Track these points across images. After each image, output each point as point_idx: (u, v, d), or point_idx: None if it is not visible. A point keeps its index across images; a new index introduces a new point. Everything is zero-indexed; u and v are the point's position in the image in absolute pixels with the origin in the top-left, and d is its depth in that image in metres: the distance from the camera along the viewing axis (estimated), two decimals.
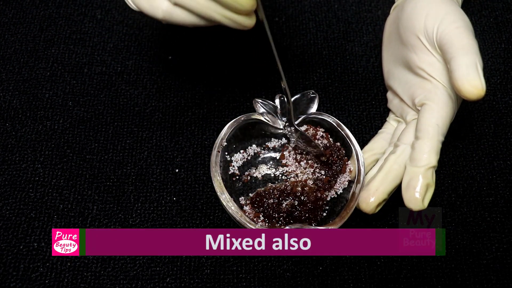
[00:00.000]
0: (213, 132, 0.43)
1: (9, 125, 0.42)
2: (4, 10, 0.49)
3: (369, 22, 0.50)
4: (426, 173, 0.33)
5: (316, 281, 0.36)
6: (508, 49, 0.48)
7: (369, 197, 0.35)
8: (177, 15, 0.28)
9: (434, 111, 0.34)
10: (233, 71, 0.46)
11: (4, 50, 0.46)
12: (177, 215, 0.39)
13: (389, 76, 0.42)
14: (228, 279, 0.36)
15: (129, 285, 0.36)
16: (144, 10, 0.29)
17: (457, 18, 0.34)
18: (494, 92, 0.45)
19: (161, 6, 0.28)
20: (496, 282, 0.36)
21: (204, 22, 0.28)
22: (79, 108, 0.43)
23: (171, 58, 0.46)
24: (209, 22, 0.28)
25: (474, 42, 0.33)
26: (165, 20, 0.28)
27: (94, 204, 0.39)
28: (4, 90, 0.44)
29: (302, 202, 0.37)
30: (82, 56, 0.46)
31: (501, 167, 0.41)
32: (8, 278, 0.35)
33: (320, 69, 0.47)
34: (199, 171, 0.41)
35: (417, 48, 0.36)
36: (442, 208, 0.39)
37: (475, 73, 0.31)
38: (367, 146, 0.40)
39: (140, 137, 0.42)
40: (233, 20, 0.28)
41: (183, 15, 0.28)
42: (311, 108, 0.40)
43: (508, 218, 0.39)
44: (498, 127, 0.43)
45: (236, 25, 0.28)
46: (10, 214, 0.38)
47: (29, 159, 0.40)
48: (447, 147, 0.42)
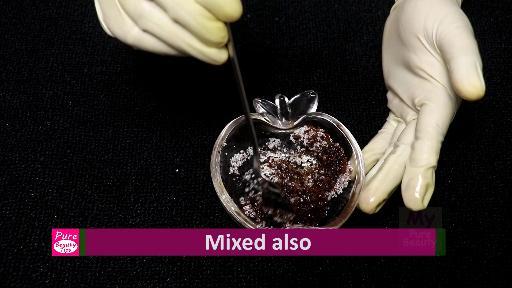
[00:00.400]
0: (213, 132, 0.43)
1: (9, 125, 0.42)
2: (4, 10, 0.49)
3: (369, 22, 0.50)
4: (426, 173, 0.33)
5: (316, 281, 0.36)
6: (508, 49, 0.48)
7: (369, 197, 0.35)
8: (146, 41, 0.28)
9: (434, 111, 0.34)
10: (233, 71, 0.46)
11: (4, 50, 0.46)
12: (177, 215, 0.39)
13: (389, 76, 0.42)
14: (228, 279, 0.36)
15: (129, 285, 0.36)
16: (116, 35, 0.29)
17: (457, 18, 0.34)
18: (494, 92, 0.45)
19: (130, 32, 0.28)
20: (496, 282, 0.36)
21: (173, 52, 0.28)
22: (79, 108, 0.43)
23: (171, 58, 0.46)
24: (178, 52, 0.28)
25: (474, 42, 0.33)
26: (135, 46, 0.28)
27: (94, 204, 0.39)
28: (4, 90, 0.44)
29: (304, 202, 0.37)
30: (82, 56, 0.46)
31: (501, 167, 0.41)
32: (8, 278, 0.35)
33: (320, 69, 0.47)
34: (199, 171, 0.41)
35: (417, 48, 0.36)
36: (442, 208, 0.39)
37: (474, 74, 0.31)
38: (367, 146, 0.40)
39: (140, 137, 0.42)
40: (202, 52, 0.27)
41: (152, 42, 0.28)
42: (311, 108, 0.40)
43: (508, 218, 0.39)
44: (498, 127, 0.43)
45: (205, 58, 0.27)
46: (10, 214, 0.38)
47: (29, 159, 0.40)
48: (447, 147, 0.42)
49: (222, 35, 0.26)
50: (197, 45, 0.27)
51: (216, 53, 0.27)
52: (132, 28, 0.28)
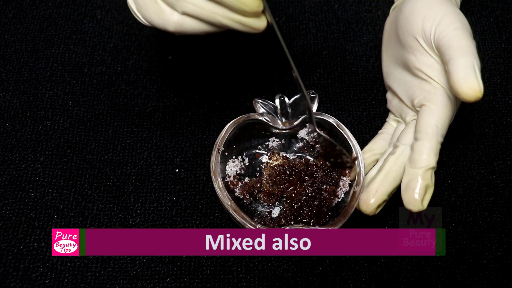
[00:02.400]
0: (213, 132, 0.43)
1: (9, 125, 0.42)
2: (4, 10, 0.49)
3: (369, 22, 0.50)
4: (425, 174, 0.33)
5: (316, 281, 0.36)
6: (508, 49, 0.48)
7: (369, 199, 0.35)
8: (188, 24, 0.28)
9: (433, 112, 0.34)
10: (233, 71, 0.46)
11: (4, 50, 0.46)
12: (177, 215, 0.39)
13: (388, 77, 0.42)
14: (228, 279, 0.36)
15: (129, 285, 0.36)
16: (155, 24, 0.29)
17: (455, 19, 0.34)
18: (494, 92, 0.45)
19: (171, 19, 0.28)
20: (496, 282, 0.37)
21: (214, 29, 0.29)
22: (79, 108, 0.43)
23: (171, 58, 0.46)
24: (220, 28, 0.28)
25: (472, 43, 0.33)
26: (177, 32, 0.29)
27: (94, 204, 0.39)
28: (4, 90, 0.44)
29: (307, 205, 0.37)
30: (82, 56, 0.46)
31: (501, 167, 0.41)
32: (8, 278, 0.35)
33: (320, 69, 0.47)
34: (199, 171, 0.41)
35: (415, 49, 0.36)
36: (442, 208, 0.39)
37: (472, 75, 0.31)
38: (367, 146, 0.40)
39: (140, 137, 0.42)
40: (242, 23, 0.28)
41: (193, 23, 0.28)
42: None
43: (508, 218, 0.39)
44: (498, 127, 0.43)
45: (246, 28, 0.28)
46: (10, 214, 0.38)
47: (29, 159, 0.40)
48: (447, 147, 0.42)
49: (257, 4, 0.27)
50: (236, 18, 0.28)
51: (255, 22, 0.28)
52: (171, 15, 0.28)
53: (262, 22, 0.29)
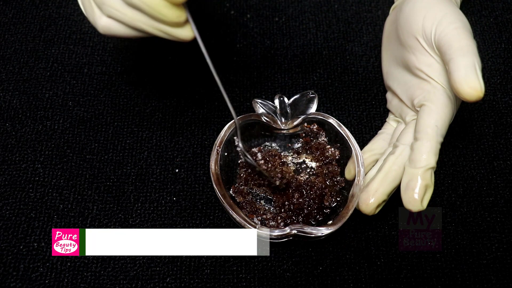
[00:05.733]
0: (213, 132, 0.43)
1: (9, 125, 0.42)
2: (4, 10, 0.49)
3: (369, 22, 0.50)
4: (425, 174, 0.32)
5: (316, 281, 0.36)
6: (508, 49, 0.48)
7: (369, 199, 0.35)
8: (114, 28, 0.29)
9: (433, 112, 0.34)
10: (233, 71, 0.46)
11: (4, 50, 0.46)
12: (177, 215, 0.39)
13: (388, 77, 0.42)
14: (228, 279, 0.36)
15: (129, 285, 0.36)
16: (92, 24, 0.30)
17: (455, 19, 0.34)
18: (494, 92, 0.45)
19: (100, 22, 0.29)
20: (496, 282, 0.37)
21: (140, 34, 0.29)
22: (79, 108, 0.43)
23: (171, 58, 0.46)
24: (145, 34, 0.29)
25: (473, 43, 0.33)
26: (106, 34, 0.30)
27: (94, 204, 0.39)
28: (4, 90, 0.44)
29: (308, 206, 0.37)
30: (82, 56, 0.46)
31: (501, 167, 0.41)
32: (8, 278, 0.35)
33: (320, 69, 0.47)
34: (199, 171, 0.41)
35: (416, 49, 0.36)
36: (442, 208, 0.39)
37: (473, 75, 0.31)
38: (367, 146, 0.40)
39: (140, 137, 0.42)
40: (165, 32, 0.28)
41: (119, 27, 0.29)
42: (311, 108, 0.40)
43: (508, 218, 0.39)
44: (498, 127, 0.43)
45: (170, 37, 0.28)
46: (10, 214, 0.38)
47: (29, 159, 0.40)
48: (447, 147, 0.42)
49: (176, 15, 0.27)
50: (158, 26, 0.27)
51: (179, 31, 0.28)
52: (100, 18, 0.29)
53: (187, 33, 0.28)
